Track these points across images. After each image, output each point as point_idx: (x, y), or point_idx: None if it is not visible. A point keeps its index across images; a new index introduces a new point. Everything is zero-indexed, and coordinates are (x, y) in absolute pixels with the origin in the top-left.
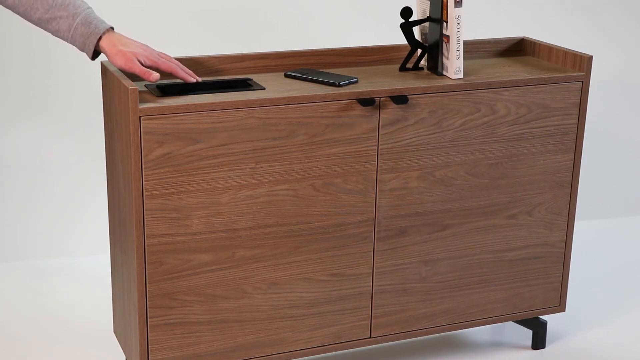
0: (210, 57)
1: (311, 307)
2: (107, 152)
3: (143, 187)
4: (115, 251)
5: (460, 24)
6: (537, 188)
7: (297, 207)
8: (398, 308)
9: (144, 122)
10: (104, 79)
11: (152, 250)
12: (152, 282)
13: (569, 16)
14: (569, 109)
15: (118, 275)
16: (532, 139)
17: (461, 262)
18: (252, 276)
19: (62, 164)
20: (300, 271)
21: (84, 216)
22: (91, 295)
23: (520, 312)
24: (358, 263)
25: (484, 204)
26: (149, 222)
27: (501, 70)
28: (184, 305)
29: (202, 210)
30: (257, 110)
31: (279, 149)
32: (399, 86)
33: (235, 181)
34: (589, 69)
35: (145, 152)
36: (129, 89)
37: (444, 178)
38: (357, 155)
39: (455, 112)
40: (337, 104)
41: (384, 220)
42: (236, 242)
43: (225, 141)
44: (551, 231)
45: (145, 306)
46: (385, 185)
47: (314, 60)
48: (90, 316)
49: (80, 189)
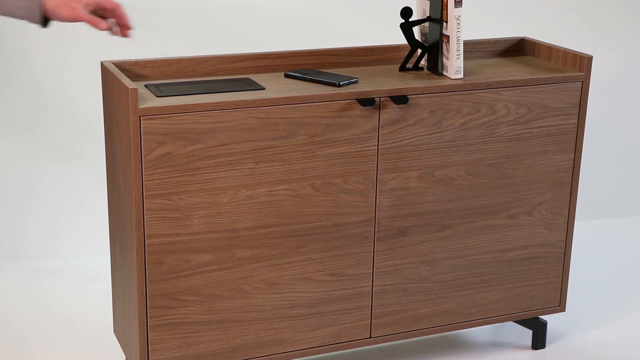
0: (210, 57)
1: (311, 307)
2: (107, 152)
3: (143, 187)
4: (115, 251)
5: (460, 24)
6: (537, 188)
7: (297, 207)
8: (398, 308)
9: (144, 122)
10: (104, 79)
11: (152, 250)
12: (152, 282)
13: (569, 16)
14: (569, 109)
15: (118, 275)
16: (532, 139)
17: (461, 262)
18: (252, 276)
19: (62, 164)
20: (300, 271)
21: (84, 216)
22: (91, 295)
23: (520, 312)
24: (358, 263)
25: (484, 204)
26: (149, 222)
27: (501, 70)
28: (184, 305)
29: (202, 210)
30: (257, 110)
31: (279, 149)
32: (399, 86)
33: (235, 181)
34: (589, 69)
35: (145, 152)
36: (129, 88)
37: (444, 178)
38: (357, 155)
39: (455, 112)
40: (337, 104)
41: (384, 220)
42: (236, 242)
43: (225, 141)
44: (551, 231)
45: (145, 306)
46: (385, 185)
47: (314, 60)
48: (90, 316)
49: (80, 189)
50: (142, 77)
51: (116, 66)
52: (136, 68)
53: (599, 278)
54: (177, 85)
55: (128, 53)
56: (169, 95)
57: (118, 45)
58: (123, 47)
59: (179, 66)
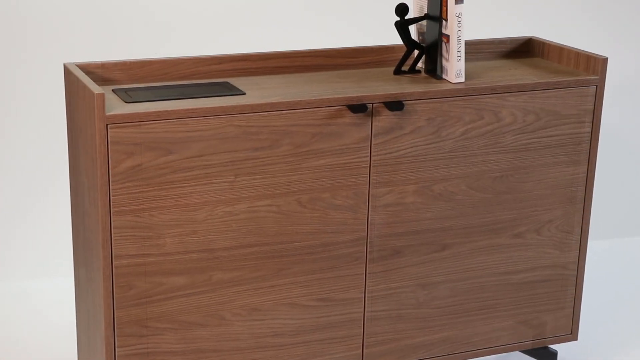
0: (184, 59)
1: (296, 336)
2: (71, 164)
3: (110, 203)
4: (79, 273)
5: (462, 22)
6: (546, 204)
7: (280, 224)
8: (393, 336)
9: (112, 131)
10: (67, 83)
11: (121, 272)
12: (120, 307)
13: (582, 13)
14: (582, 116)
15: (83, 300)
16: (541, 150)
17: (462, 285)
18: (231, 301)
19: (19, 176)
20: (284, 296)
21: (44, 234)
22: (52, 322)
23: (528, 341)
24: (348, 287)
25: (487, 221)
26: (117, 241)
27: (507, 73)
28: (155, 334)
29: (176, 228)
30: (237, 118)
31: (261, 160)
32: (394, 91)
33: (213, 196)
34: (604, 72)
35: (113, 164)
36: (95, 94)
37: (443, 193)
38: (347, 168)
39: (455, 120)
40: (325, 110)
41: (377, 240)
42: (213, 263)
43: (201, 152)
44: (562, 251)
45: (113, 334)
46: (379, 201)
47: (299, 63)
48: (51, 346)
49: (40, 204)
50: (109, 81)
51: (80, 69)
52: (103, 71)
53: (614, 303)
54: (148, 90)
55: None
56: (139, 101)
57: (83, 46)
58: (88, 48)
59: (150, 69)
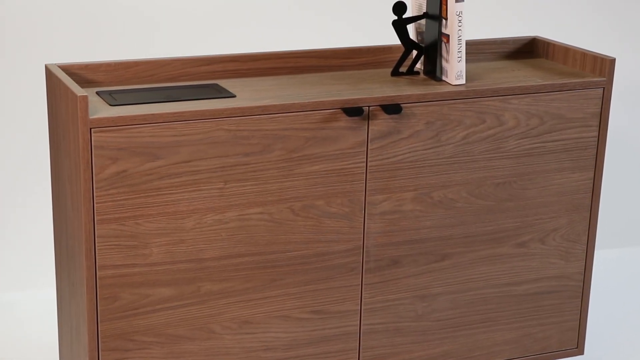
0: (172, 60)
1: (289, 350)
2: (53, 169)
3: (94, 211)
4: (61, 284)
5: (462, 22)
6: (550, 212)
7: (272, 233)
8: (390, 351)
9: (96, 135)
10: (49, 84)
11: (105, 283)
12: (104, 320)
13: (588, 12)
14: (588, 119)
15: (65, 312)
16: (545, 155)
17: (463, 297)
18: (221, 314)
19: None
20: (276, 308)
21: (25, 243)
22: (34, 335)
23: (532, 355)
24: (344, 298)
25: (489, 230)
26: (101, 250)
27: (509, 74)
28: (141, 348)
29: (163, 237)
30: (227, 122)
31: (252, 166)
32: (391, 93)
33: (201, 203)
34: (612, 74)
35: (97, 170)
36: (78, 96)
37: (443, 200)
38: (343, 174)
39: (456, 124)
40: (319, 114)
41: (373, 249)
42: (202, 274)
43: (189, 157)
44: (567, 261)
45: (96, 348)
46: (375, 209)
47: (292, 64)
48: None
49: (20, 212)
50: (93, 83)
51: (63, 70)
52: (86, 72)
53: (622, 315)
54: (134, 93)
55: (77, 55)
56: (125, 104)
57: (65, 46)
58: (71, 48)
59: (136, 70)
